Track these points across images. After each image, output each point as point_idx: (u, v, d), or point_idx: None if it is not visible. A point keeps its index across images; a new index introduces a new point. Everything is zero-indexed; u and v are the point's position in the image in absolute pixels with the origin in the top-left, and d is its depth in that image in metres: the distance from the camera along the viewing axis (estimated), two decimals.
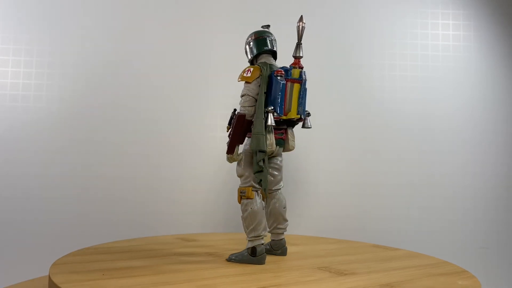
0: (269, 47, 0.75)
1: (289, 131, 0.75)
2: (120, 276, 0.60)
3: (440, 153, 1.15)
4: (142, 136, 1.09)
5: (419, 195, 1.13)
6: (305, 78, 0.72)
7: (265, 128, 0.69)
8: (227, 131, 0.73)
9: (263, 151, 0.69)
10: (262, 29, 0.77)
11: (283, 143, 0.75)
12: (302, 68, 0.72)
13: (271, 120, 0.69)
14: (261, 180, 0.70)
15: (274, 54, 0.77)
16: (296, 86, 0.70)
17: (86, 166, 1.07)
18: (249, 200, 0.70)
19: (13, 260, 1.02)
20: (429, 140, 1.15)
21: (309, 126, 0.75)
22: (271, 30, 0.78)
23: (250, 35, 0.77)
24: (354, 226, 1.11)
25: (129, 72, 1.10)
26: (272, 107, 0.69)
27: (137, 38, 1.11)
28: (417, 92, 1.16)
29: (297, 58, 0.72)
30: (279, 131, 0.73)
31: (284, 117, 0.71)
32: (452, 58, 1.18)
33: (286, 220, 0.77)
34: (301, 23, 0.72)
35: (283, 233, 0.77)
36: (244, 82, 0.72)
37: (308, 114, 0.75)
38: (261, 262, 0.70)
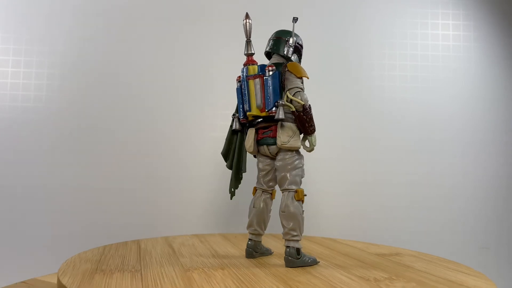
0: (266, 49, 0.77)
1: (278, 127, 0.69)
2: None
3: (440, 153, 1.15)
4: (142, 136, 1.09)
5: (419, 194, 1.13)
6: (244, 75, 0.70)
7: (230, 132, 0.77)
8: None
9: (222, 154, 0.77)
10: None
11: (272, 141, 0.71)
12: (255, 64, 0.71)
13: (234, 125, 0.75)
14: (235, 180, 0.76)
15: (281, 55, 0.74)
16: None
17: (86, 166, 1.07)
18: None
19: (15, 260, 1.02)
20: (429, 140, 1.15)
21: (277, 117, 0.68)
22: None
23: None
24: (354, 226, 1.11)
25: (129, 72, 1.10)
26: (235, 113, 0.75)
27: (137, 38, 1.11)
28: (417, 92, 1.16)
29: (248, 55, 0.71)
30: (264, 130, 0.71)
31: (251, 117, 0.71)
32: (452, 58, 1.18)
33: (284, 226, 0.68)
34: (247, 20, 0.72)
35: (285, 239, 0.69)
36: None
37: (277, 105, 0.68)
38: (246, 255, 0.74)
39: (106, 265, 0.66)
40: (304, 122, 0.69)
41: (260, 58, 0.74)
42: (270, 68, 0.69)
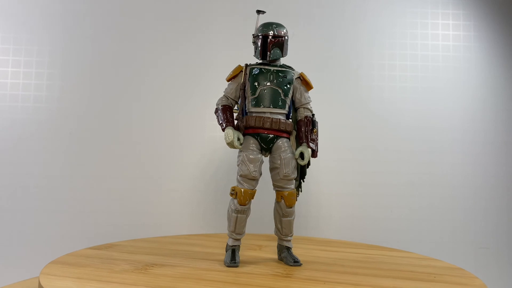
0: None
1: None
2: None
3: (440, 153, 1.15)
4: (142, 136, 1.09)
5: (419, 195, 1.13)
6: None
7: None
8: (313, 136, 0.77)
9: None
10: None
11: None
12: None
13: None
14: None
15: None
16: None
17: (86, 166, 1.07)
18: None
19: (8, 261, 1.02)
20: (429, 140, 1.15)
21: None
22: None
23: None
24: (353, 226, 1.11)
25: (129, 72, 1.10)
26: None
27: (137, 38, 1.11)
28: (417, 92, 1.16)
29: None
30: None
31: None
32: (452, 58, 1.18)
33: None
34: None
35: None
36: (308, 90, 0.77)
37: None
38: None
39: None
40: None
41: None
42: None
